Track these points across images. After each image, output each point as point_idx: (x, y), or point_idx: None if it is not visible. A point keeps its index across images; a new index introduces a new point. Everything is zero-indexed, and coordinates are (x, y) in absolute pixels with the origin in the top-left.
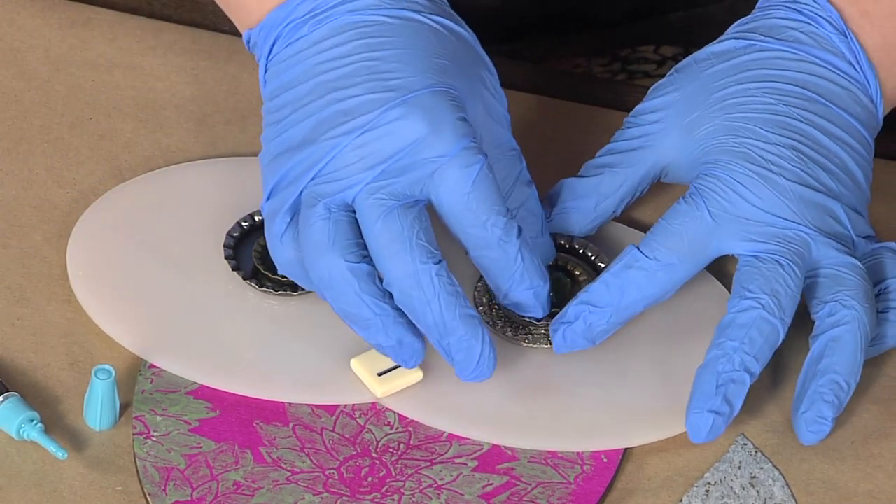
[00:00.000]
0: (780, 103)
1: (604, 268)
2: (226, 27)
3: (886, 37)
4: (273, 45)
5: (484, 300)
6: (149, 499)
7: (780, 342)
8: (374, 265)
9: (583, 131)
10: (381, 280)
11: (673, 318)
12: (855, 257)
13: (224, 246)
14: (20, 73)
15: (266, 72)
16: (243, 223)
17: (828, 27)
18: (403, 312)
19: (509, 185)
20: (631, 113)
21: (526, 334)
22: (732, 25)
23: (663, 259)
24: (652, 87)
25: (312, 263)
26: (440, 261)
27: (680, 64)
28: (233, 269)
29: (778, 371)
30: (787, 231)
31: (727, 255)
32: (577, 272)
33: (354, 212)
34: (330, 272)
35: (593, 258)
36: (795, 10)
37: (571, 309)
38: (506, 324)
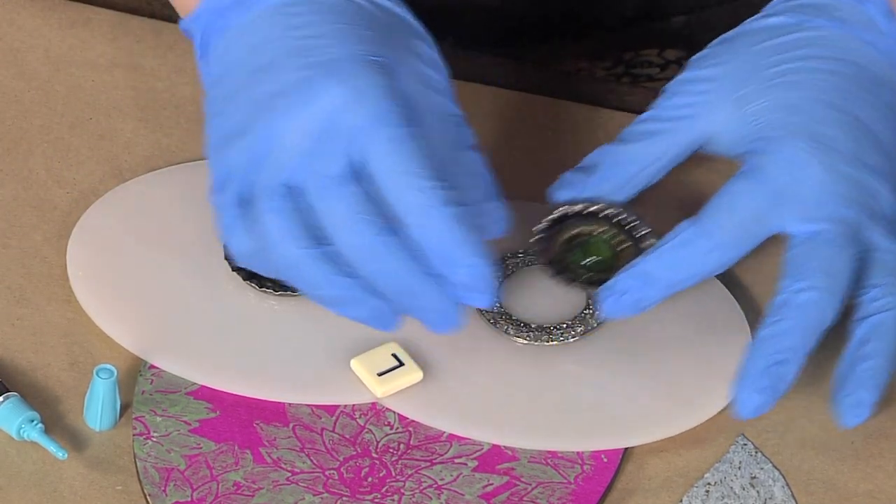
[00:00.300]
0: (833, 83)
1: (642, 236)
2: None
3: None
4: (205, 33)
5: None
6: (149, 499)
7: (830, 324)
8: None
9: (583, 131)
10: None
11: (674, 318)
12: None
13: (224, 246)
14: (20, 73)
15: (202, 62)
16: None
17: (873, 9)
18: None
19: (449, 151)
20: (673, 82)
21: (527, 332)
22: (775, 1)
23: (718, 238)
24: (693, 58)
25: (271, 255)
26: (390, 229)
27: (726, 35)
28: (233, 270)
29: None
30: (842, 212)
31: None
32: (614, 241)
33: (302, 194)
34: (288, 262)
35: (627, 227)
36: None
37: (623, 279)
38: (506, 321)
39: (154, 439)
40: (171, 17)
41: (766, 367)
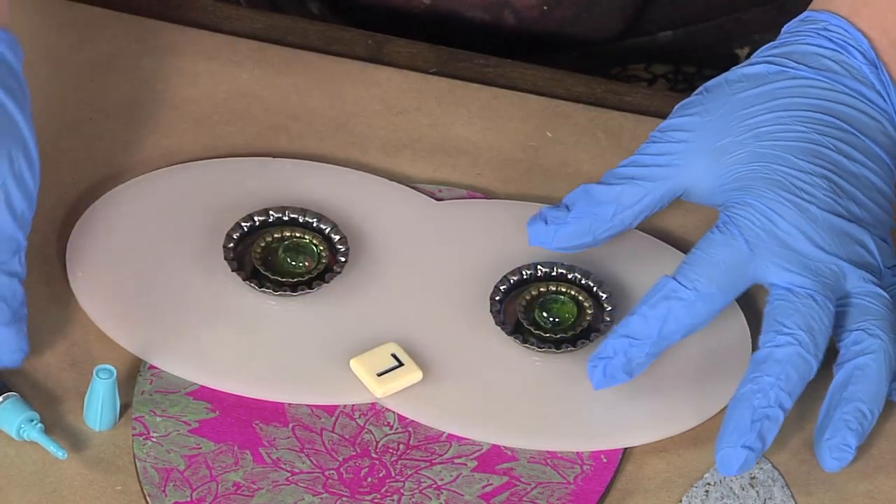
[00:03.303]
0: (813, 132)
1: (604, 298)
2: (225, 28)
3: None
4: None
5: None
6: (148, 499)
7: (811, 377)
8: None
9: (583, 132)
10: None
11: None
12: (882, 287)
13: (224, 246)
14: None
15: None
16: (243, 223)
17: (858, 56)
18: None
19: None
20: (657, 128)
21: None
22: (761, 48)
23: (702, 289)
24: (679, 105)
25: None
26: None
27: (710, 83)
28: (232, 270)
29: None
30: (820, 263)
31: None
32: (580, 297)
33: None
34: None
35: (583, 281)
36: (825, 37)
37: (610, 343)
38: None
39: (154, 439)
40: (171, 17)
41: (751, 422)
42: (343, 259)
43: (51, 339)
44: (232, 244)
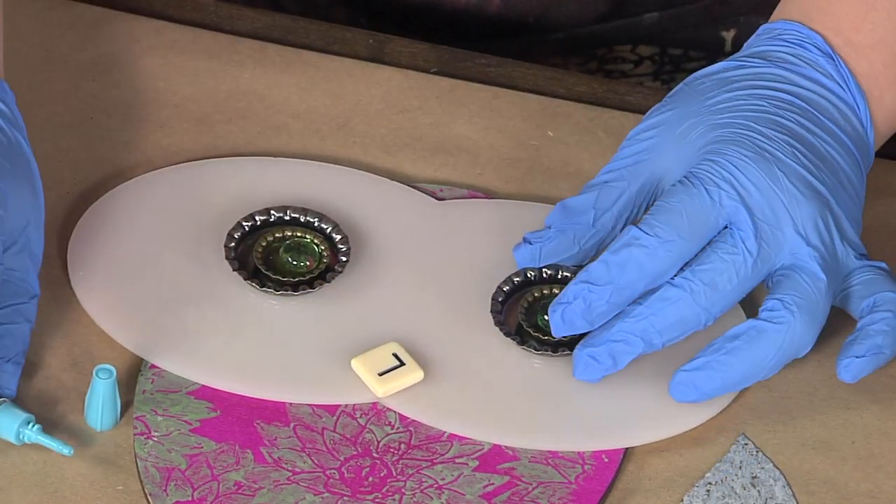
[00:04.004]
0: (772, 107)
1: None
2: (226, 27)
3: (873, 65)
4: None
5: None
6: (150, 499)
7: (697, 329)
8: None
9: (583, 131)
10: None
11: None
12: (827, 265)
13: (225, 246)
14: (21, 73)
15: None
16: (244, 223)
17: (814, 50)
18: None
19: None
20: (627, 137)
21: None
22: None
23: (664, 235)
24: (647, 113)
25: None
26: None
27: (672, 91)
28: (234, 270)
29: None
30: (766, 226)
31: None
32: None
33: None
34: None
35: None
36: (782, 40)
37: (570, 288)
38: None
39: (155, 439)
40: (172, 16)
41: (608, 340)
42: (344, 258)
43: (51, 339)
44: (233, 244)
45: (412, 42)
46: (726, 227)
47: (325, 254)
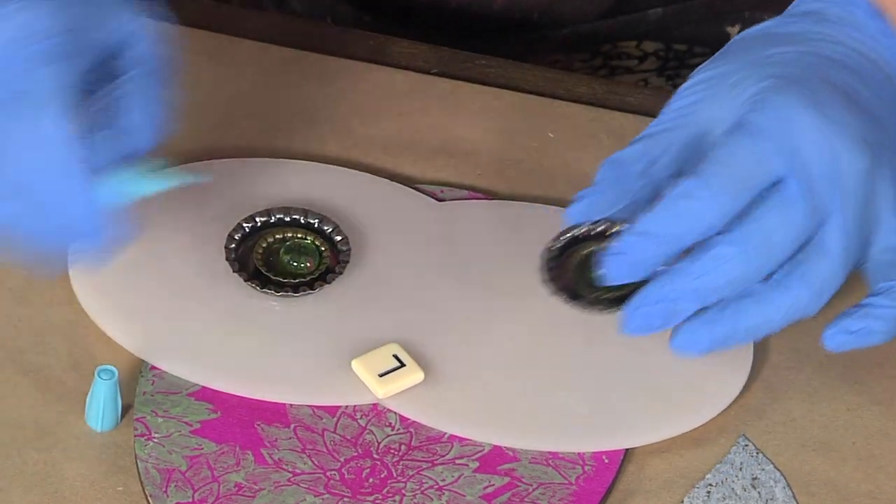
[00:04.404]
0: (823, 64)
1: None
2: (227, 28)
3: None
4: None
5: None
6: (150, 500)
7: (744, 289)
8: None
9: (584, 133)
10: None
11: None
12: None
13: (225, 247)
14: None
15: None
16: (245, 224)
17: (863, 11)
18: None
19: None
20: (675, 92)
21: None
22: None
23: (717, 187)
24: (696, 70)
25: None
26: None
27: (722, 49)
28: (234, 271)
29: (778, 371)
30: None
31: None
32: None
33: None
34: None
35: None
36: (827, 2)
37: (623, 240)
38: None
39: (155, 440)
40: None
41: (656, 302)
42: (345, 260)
43: (52, 339)
44: (234, 245)
45: (413, 43)
46: (778, 181)
47: (325, 255)
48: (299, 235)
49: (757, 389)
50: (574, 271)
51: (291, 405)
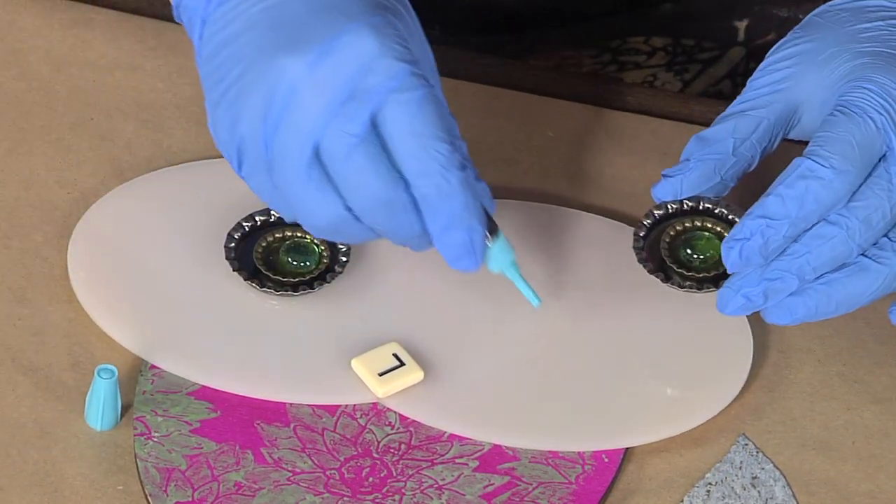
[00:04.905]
0: None
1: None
2: None
3: None
4: (206, 5)
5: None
6: (150, 499)
7: (846, 260)
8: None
9: (584, 132)
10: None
11: (675, 318)
12: None
13: (225, 246)
14: (21, 74)
15: (201, 37)
16: (244, 223)
17: None
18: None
19: None
20: (759, 67)
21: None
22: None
23: (839, 166)
24: (776, 45)
25: (308, 221)
26: (405, 187)
27: (802, 22)
28: (234, 270)
29: (778, 370)
30: None
31: None
32: (719, 230)
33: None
34: (329, 225)
35: (730, 217)
36: None
37: (746, 224)
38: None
39: (155, 439)
40: (172, 17)
41: (761, 278)
42: (344, 259)
43: (52, 338)
44: (233, 244)
45: None
46: (880, 161)
47: (325, 254)
48: (299, 235)
49: (757, 389)
50: (666, 250)
51: (291, 404)
